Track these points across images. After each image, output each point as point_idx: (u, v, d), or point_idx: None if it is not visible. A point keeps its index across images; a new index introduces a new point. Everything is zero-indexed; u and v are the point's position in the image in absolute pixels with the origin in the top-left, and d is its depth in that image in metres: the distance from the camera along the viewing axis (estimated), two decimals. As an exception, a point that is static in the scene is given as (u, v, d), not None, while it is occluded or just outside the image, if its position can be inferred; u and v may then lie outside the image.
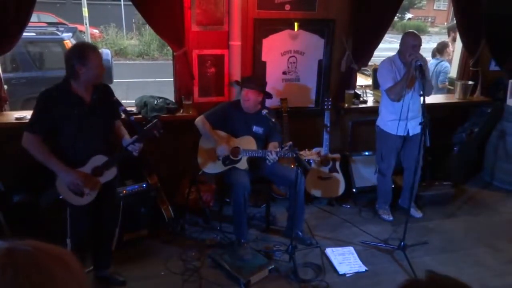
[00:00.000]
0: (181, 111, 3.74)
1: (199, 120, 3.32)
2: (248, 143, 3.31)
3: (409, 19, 26.61)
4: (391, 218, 3.88)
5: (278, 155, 3.16)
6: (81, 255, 2.73)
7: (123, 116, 2.75)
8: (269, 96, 3.46)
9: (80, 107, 2.47)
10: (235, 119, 3.35)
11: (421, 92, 3.14)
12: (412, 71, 3.29)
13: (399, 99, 3.39)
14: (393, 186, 3.95)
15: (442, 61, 5.15)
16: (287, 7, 3.81)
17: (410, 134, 3.57)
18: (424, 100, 3.09)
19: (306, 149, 3.15)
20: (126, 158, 2.66)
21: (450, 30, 5.89)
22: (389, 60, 3.57)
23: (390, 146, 3.70)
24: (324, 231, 3.68)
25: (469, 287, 0.79)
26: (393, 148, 3.70)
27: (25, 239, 0.71)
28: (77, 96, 2.48)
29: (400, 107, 3.41)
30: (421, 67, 3.21)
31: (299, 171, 3.07)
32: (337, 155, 4.00)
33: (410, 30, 3.66)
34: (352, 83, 4.22)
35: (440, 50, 5.29)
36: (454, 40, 5.62)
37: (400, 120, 3.47)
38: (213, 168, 3.35)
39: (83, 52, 2.38)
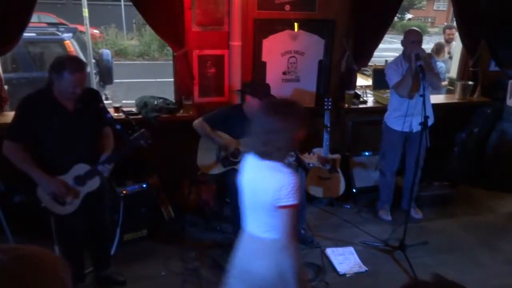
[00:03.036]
0: (181, 111, 3.74)
1: (197, 123, 3.30)
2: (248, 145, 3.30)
3: (409, 19, 26.63)
4: (389, 218, 3.88)
5: None
6: (73, 259, 2.69)
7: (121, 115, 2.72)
8: None
9: (62, 115, 2.39)
10: (235, 124, 3.33)
11: (423, 92, 3.12)
12: (413, 65, 3.28)
13: (409, 95, 3.36)
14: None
15: (437, 61, 5.17)
16: (287, 7, 3.81)
17: (414, 131, 3.55)
18: (424, 101, 3.09)
19: (306, 153, 3.16)
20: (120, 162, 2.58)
21: (446, 29, 5.91)
22: (395, 60, 3.61)
23: (392, 142, 3.70)
24: (324, 231, 3.68)
25: None
26: (395, 145, 3.70)
27: (24, 239, 0.71)
28: (59, 103, 2.39)
29: (405, 103, 3.42)
30: (418, 55, 3.20)
31: (299, 170, 3.08)
32: (337, 156, 4.00)
33: (411, 28, 3.67)
34: (352, 84, 4.22)
35: (439, 51, 5.33)
36: (447, 40, 5.65)
37: (405, 116, 3.47)
38: (212, 169, 3.35)
39: (60, 68, 2.28)
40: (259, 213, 1.82)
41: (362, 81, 5.21)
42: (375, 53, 4.25)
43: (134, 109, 3.71)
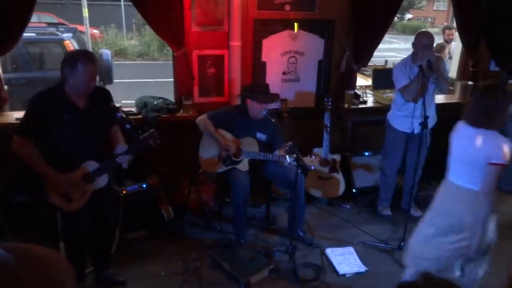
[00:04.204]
0: (181, 112, 3.74)
1: (202, 120, 3.31)
2: (250, 145, 3.30)
3: (409, 19, 26.65)
4: (388, 213, 3.90)
5: (279, 159, 3.16)
6: (77, 257, 2.71)
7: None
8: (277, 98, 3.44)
9: (73, 112, 2.42)
10: (239, 124, 3.34)
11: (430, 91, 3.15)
12: (425, 71, 3.28)
13: (414, 99, 3.36)
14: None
15: None
16: (287, 7, 3.82)
17: (415, 132, 3.56)
18: (424, 101, 3.10)
19: (308, 156, 3.17)
20: (118, 167, 2.59)
21: (445, 29, 5.91)
22: (403, 61, 3.59)
23: (394, 142, 3.72)
24: (324, 231, 3.68)
25: None
26: (397, 145, 3.71)
27: (24, 239, 0.70)
28: (71, 101, 2.42)
29: (410, 104, 3.42)
30: (421, 66, 3.23)
31: (299, 171, 3.08)
32: (337, 156, 4.00)
33: (423, 30, 3.66)
34: (352, 84, 4.22)
35: (439, 52, 5.34)
36: (446, 41, 5.66)
37: (407, 117, 3.48)
38: (214, 168, 3.35)
39: (74, 61, 2.32)
40: (469, 168, 2.32)
41: (362, 81, 5.21)
42: (375, 53, 4.25)
43: (134, 109, 3.71)
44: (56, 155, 2.46)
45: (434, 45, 5.65)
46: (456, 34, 4.91)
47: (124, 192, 3.29)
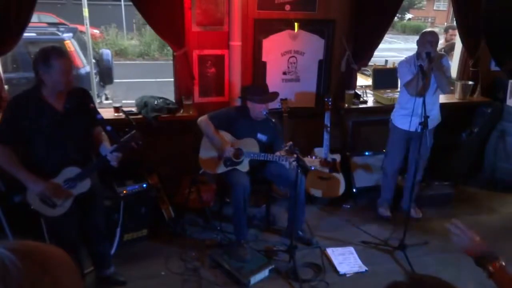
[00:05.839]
0: (181, 111, 3.74)
1: (203, 120, 3.31)
2: (250, 146, 3.30)
3: (409, 19, 26.66)
4: (388, 214, 3.90)
5: (280, 161, 3.16)
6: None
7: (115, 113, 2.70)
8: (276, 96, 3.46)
9: (51, 116, 2.33)
10: (240, 125, 3.34)
11: (433, 91, 3.17)
12: (425, 64, 3.30)
13: (417, 94, 3.36)
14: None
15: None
16: (287, 7, 3.81)
17: (418, 131, 3.55)
18: (424, 100, 3.10)
19: (309, 156, 3.17)
20: (106, 167, 2.50)
21: (449, 29, 5.92)
22: (407, 59, 3.61)
23: (396, 141, 3.72)
24: (324, 231, 3.68)
25: (449, 285, 0.78)
26: (398, 143, 3.71)
27: (25, 239, 0.70)
28: (48, 104, 2.33)
29: (411, 102, 3.42)
30: (429, 55, 3.24)
31: (299, 171, 3.08)
32: (337, 156, 4.00)
33: (429, 29, 3.67)
34: (352, 83, 4.22)
35: (447, 52, 5.36)
36: (448, 40, 5.67)
37: (409, 115, 3.48)
38: (214, 169, 3.35)
39: (47, 57, 2.22)
40: None
41: (362, 81, 5.21)
42: (375, 53, 4.25)
43: (134, 109, 3.72)
44: (36, 161, 2.38)
45: (445, 45, 5.69)
46: (456, 33, 4.91)
47: (124, 192, 3.29)
